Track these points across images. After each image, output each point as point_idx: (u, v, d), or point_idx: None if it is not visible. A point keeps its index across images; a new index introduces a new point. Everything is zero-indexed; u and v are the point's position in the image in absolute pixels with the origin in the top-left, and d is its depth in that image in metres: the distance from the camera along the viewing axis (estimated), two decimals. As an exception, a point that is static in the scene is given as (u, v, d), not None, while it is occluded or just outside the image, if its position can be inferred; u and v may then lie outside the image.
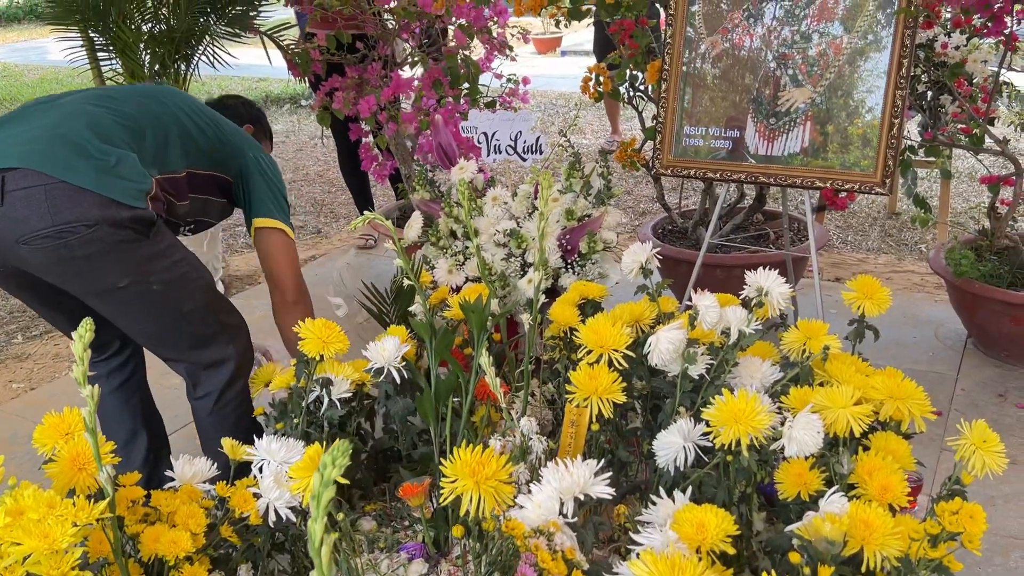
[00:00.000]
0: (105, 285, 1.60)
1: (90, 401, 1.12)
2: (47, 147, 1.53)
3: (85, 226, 1.51)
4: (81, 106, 1.67)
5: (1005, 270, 2.55)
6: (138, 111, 1.74)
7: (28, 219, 1.49)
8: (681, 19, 2.36)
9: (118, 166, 1.57)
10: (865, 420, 1.40)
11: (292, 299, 1.95)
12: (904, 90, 2.05)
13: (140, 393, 1.98)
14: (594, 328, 1.60)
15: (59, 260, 1.54)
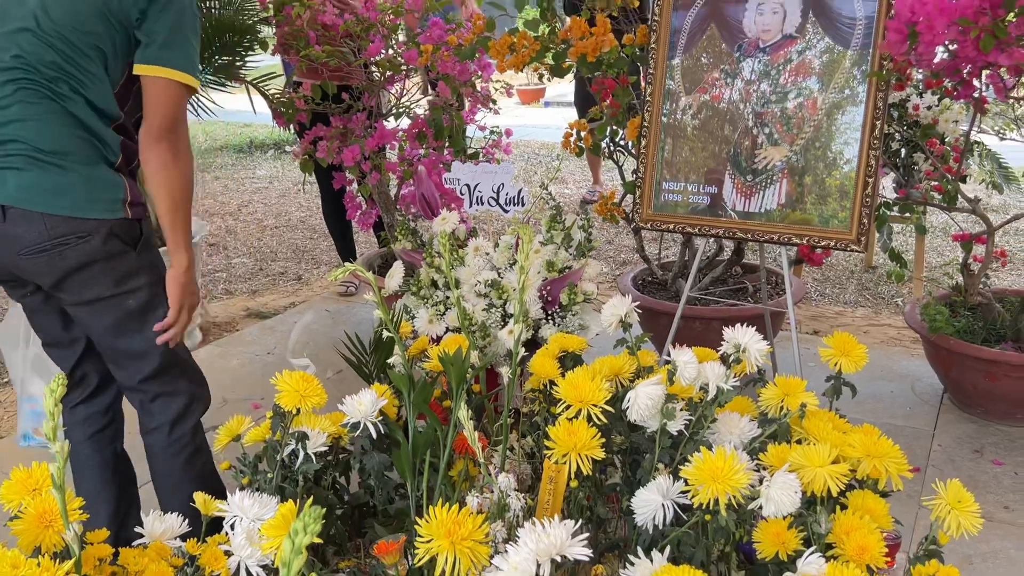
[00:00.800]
0: (92, 295, 1.74)
1: (59, 457, 1.10)
2: (37, 189, 1.66)
3: (78, 237, 1.67)
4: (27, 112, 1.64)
5: (979, 326, 2.58)
6: (64, 72, 1.66)
7: (26, 235, 1.66)
8: (660, 76, 2.41)
9: (89, 188, 1.69)
10: (842, 479, 1.40)
11: (163, 132, 1.71)
12: (877, 150, 2.10)
13: (113, 445, 1.96)
14: (573, 383, 1.59)
15: (54, 269, 1.69)
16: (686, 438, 1.58)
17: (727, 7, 2.32)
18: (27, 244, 1.66)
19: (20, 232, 1.66)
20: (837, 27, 2.18)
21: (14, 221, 1.66)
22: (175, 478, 1.88)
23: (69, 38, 1.66)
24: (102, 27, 1.68)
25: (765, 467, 1.48)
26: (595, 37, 2.45)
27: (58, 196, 1.66)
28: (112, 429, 1.96)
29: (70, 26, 1.66)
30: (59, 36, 1.66)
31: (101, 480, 1.92)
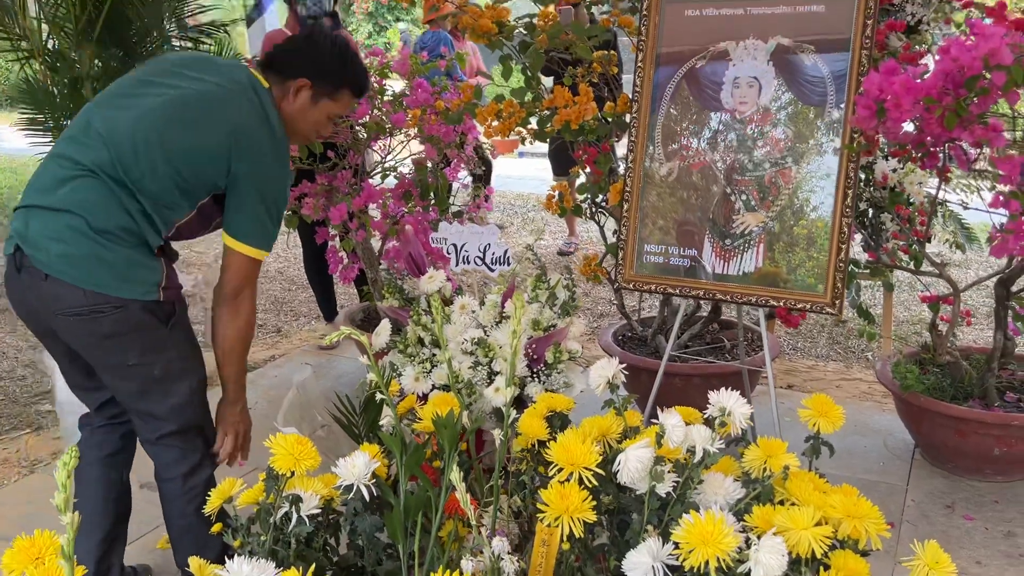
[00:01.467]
0: (118, 361, 1.84)
1: (70, 529, 1.12)
2: (75, 265, 1.77)
3: (114, 307, 1.78)
4: (89, 192, 1.79)
5: (947, 384, 2.67)
6: (137, 182, 1.81)
7: (66, 297, 1.77)
8: (641, 143, 2.50)
9: (130, 270, 1.80)
10: (826, 541, 1.45)
11: (226, 294, 1.93)
12: (849, 217, 2.20)
13: (121, 472, 2.06)
14: (565, 446, 1.64)
15: (87, 333, 1.80)
16: (674, 499, 1.63)
17: (706, 82, 2.43)
18: (65, 306, 1.78)
19: (60, 293, 1.77)
20: (809, 97, 2.30)
21: (54, 283, 1.77)
22: (187, 522, 1.97)
23: (154, 168, 1.82)
24: (190, 177, 1.86)
25: (751, 528, 1.53)
26: (579, 106, 2.55)
27: (96, 272, 1.77)
28: (124, 456, 2.07)
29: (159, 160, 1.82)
30: (147, 162, 1.81)
31: (102, 502, 2.01)
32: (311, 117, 1.97)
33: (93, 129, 1.83)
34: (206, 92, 1.86)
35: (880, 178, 2.68)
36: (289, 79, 1.92)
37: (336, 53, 1.96)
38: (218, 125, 1.84)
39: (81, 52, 2.94)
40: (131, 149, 1.80)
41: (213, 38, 3.35)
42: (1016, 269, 2.50)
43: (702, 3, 2.40)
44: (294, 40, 2.04)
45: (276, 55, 1.97)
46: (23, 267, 1.80)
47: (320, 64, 1.93)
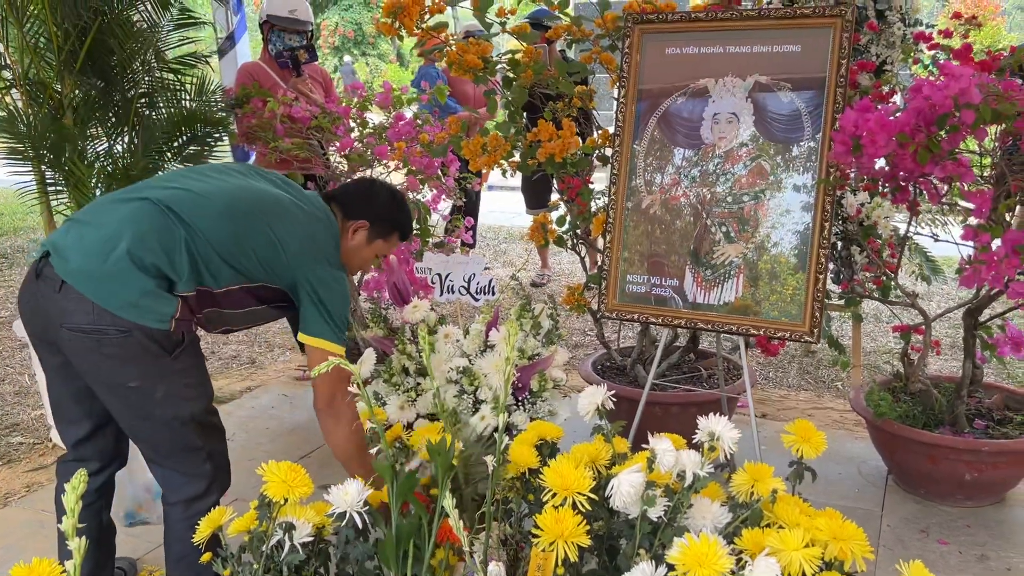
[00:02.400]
0: (118, 380, 1.84)
1: (76, 555, 1.11)
2: (92, 279, 1.79)
3: (119, 331, 1.78)
4: (145, 220, 1.84)
5: (919, 411, 2.75)
6: (203, 233, 1.87)
7: (75, 312, 1.78)
8: (624, 176, 2.56)
9: (144, 299, 1.79)
10: (816, 562, 1.49)
11: (320, 406, 2.03)
12: (826, 249, 2.27)
13: (100, 517, 2.05)
14: (559, 471, 1.66)
15: (88, 351, 1.80)
16: (664, 523, 1.66)
17: (686, 117, 2.51)
18: (71, 320, 1.78)
19: (69, 307, 1.78)
20: (784, 133, 2.38)
21: (67, 296, 1.78)
22: (185, 548, 1.93)
23: (229, 233, 1.89)
24: (265, 257, 1.93)
25: (740, 551, 1.56)
26: (562, 140, 2.61)
27: (110, 291, 1.78)
28: (100, 503, 2.05)
29: (234, 227, 1.90)
30: (223, 222, 1.89)
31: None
32: (364, 254, 2.17)
33: (173, 181, 1.95)
34: (296, 205, 2.02)
35: (853, 212, 2.77)
36: (350, 219, 2.12)
37: (394, 202, 2.20)
38: (295, 225, 1.98)
39: (63, 82, 2.94)
40: (211, 204, 1.89)
41: (194, 70, 3.37)
42: (984, 299, 2.59)
43: (682, 42, 2.49)
44: (360, 184, 2.30)
45: (343, 193, 2.19)
46: (42, 274, 1.83)
47: (379, 210, 2.15)
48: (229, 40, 7.69)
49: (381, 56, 23.78)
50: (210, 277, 1.88)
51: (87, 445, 1.99)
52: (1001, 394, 2.90)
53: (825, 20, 2.30)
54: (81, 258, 1.80)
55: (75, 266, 1.79)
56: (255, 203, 1.95)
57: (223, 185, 1.96)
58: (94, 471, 2.00)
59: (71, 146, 2.87)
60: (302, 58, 3.71)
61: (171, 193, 1.89)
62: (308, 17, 3.78)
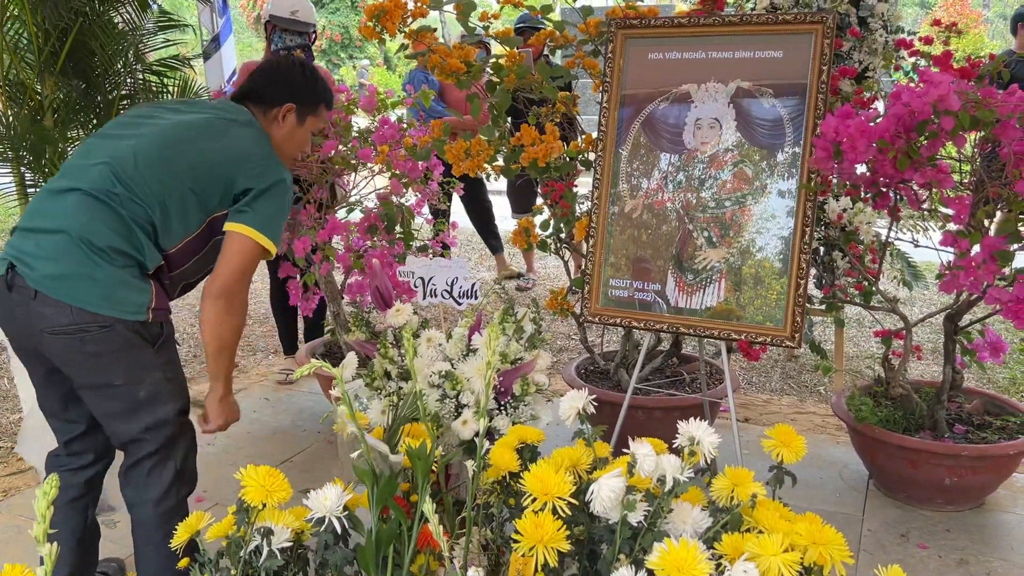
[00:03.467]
0: (103, 380, 1.85)
1: (47, 561, 1.10)
2: (63, 281, 1.80)
3: (100, 327, 1.80)
4: (86, 212, 1.83)
5: (899, 416, 2.76)
6: (141, 199, 1.87)
7: (53, 315, 1.79)
8: (607, 180, 2.57)
9: (118, 290, 1.82)
10: (795, 567, 1.49)
11: (215, 290, 1.94)
12: (807, 255, 2.28)
13: (86, 514, 2.06)
14: (538, 476, 1.66)
15: (72, 351, 1.81)
16: (644, 528, 1.65)
17: (668, 122, 2.51)
18: (51, 324, 1.80)
19: (46, 312, 1.79)
20: (766, 139, 2.39)
21: (43, 302, 1.79)
22: (154, 545, 1.96)
23: (161, 182, 1.88)
24: (201, 186, 1.91)
25: (720, 556, 1.56)
26: (546, 144, 2.61)
27: (84, 291, 1.79)
28: (87, 499, 2.06)
29: (162, 175, 1.89)
30: (152, 178, 1.87)
31: (66, 541, 2.00)
32: (298, 136, 2.15)
33: (93, 156, 1.91)
34: (205, 119, 2.01)
35: (835, 218, 2.78)
36: (273, 106, 2.09)
37: (309, 75, 2.15)
38: (221, 144, 1.96)
39: (43, 83, 2.92)
40: (133, 166, 1.87)
41: (176, 73, 3.35)
42: (963, 304, 2.61)
43: (665, 47, 2.49)
44: (265, 71, 2.16)
45: (253, 87, 2.12)
46: (14, 285, 1.83)
47: (297, 87, 2.11)
48: (214, 42, 7.66)
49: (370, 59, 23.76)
50: (165, 238, 1.90)
51: (81, 441, 2.02)
52: (981, 399, 2.92)
53: (807, 26, 2.31)
54: (45, 264, 1.81)
55: (43, 272, 1.80)
56: (176, 140, 1.93)
57: (141, 139, 1.93)
58: (86, 464, 2.04)
59: (51, 148, 2.85)
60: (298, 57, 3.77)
61: (98, 172, 1.86)
62: (310, 18, 3.86)
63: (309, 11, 3.87)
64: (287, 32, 3.79)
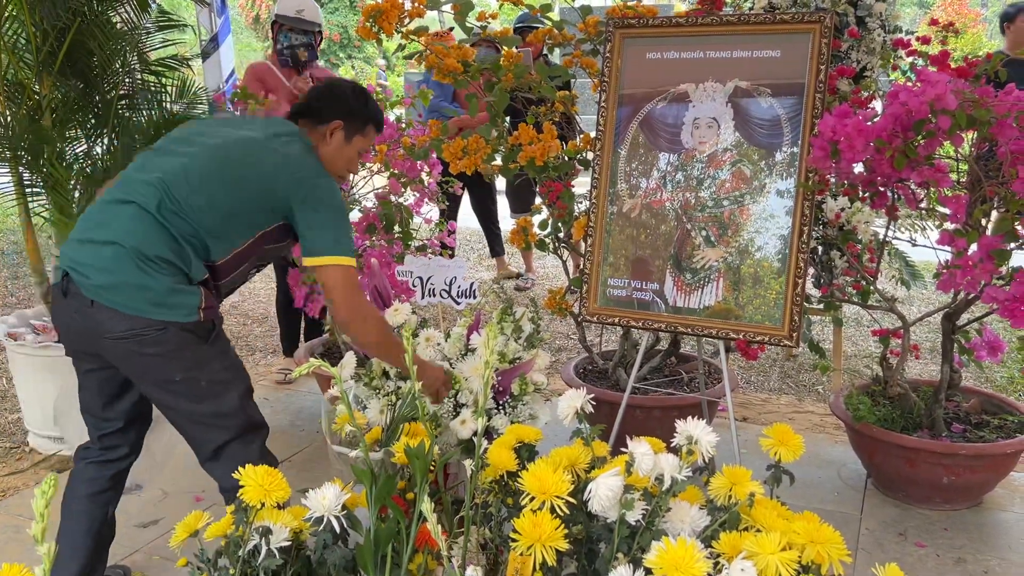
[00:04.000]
0: (164, 377, 1.94)
1: (46, 560, 1.10)
2: (117, 291, 1.88)
3: (156, 329, 1.88)
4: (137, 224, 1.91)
5: (897, 415, 2.76)
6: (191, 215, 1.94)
7: (110, 322, 1.88)
8: (605, 180, 2.57)
9: (170, 297, 1.89)
10: (792, 566, 1.50)
11: (344, 317, 2.07)
12: (805, 254, 2.28)
13: (106, 509, 2.11)
14: (537, 475, 1.66)
15: (131, 353, 1.90)
16: (642, 527, 1.66)
17: (667, 122, 2.52)
18: (109, 330, 1.88)
19: (104, 319, 1.88)
20: (764, 138, 2.40)
21: (100, 310, 1.88)
22: None
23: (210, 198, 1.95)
24: (248, 203, 1.99)
25: (718, 554, 1.56)
26: (543, 143, 2.61)
27: (138, 299, 1.87)
28: (110, 494, 2.12)
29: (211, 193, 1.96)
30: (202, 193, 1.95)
31: (83, 536, 2.06)
32: (345, 153, 2.19)
33: (147, 170, 1.99)
34: (253, 137, 2.06)
35: (832, 217, 2.78)
36: (322, 123, 2.14)
37: (360, 95, 2.22)
38: (270, 160, 2.01)
39: (42, 83, 2.92)
40: (184, 183, 1.95)
41: (174, 73, 3.35)
42: (961, 304, 2.61)
43: (663, 47, 2.50)
44: (319, 90, 2.25)
45: (308, 104, 2.19)
46: (68, 292, 1.92)
47: (348, 106, 2.17)
48: (213, 42, 7.65)
49: (367, 59, 23.75)
50: (212, 252, 1.97)
51: (116, 436, 2.09)
52: (979, 398, 2.93)
53: (804, 26, 2.32)
54: (99, 274, 1.89)
55: (97, 282, 1.89)
56: (224, 158, 2.00)
57: (192, 157, 2.00)
58: (118, 457, 2.10)
59: (50, 148, 2.84)
60: (302, 56, 3.83)
61: (151, 187, 1.94)
62: (315, 18, 3.90)
63: (315, 11, 3.91)
64: (293, 31, 3.83)
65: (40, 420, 3.16)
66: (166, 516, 2.65)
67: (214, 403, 1.99)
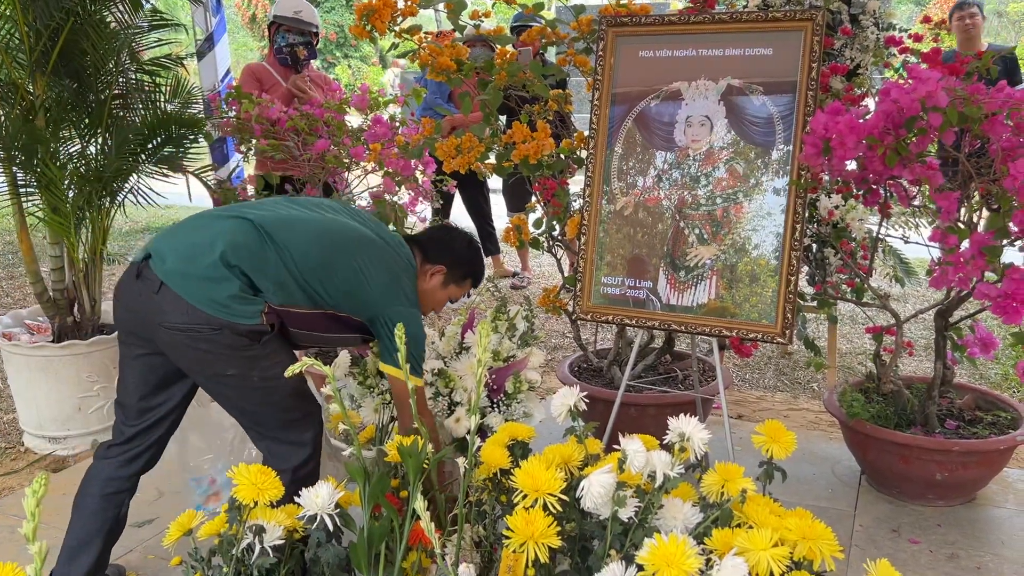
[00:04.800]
0: (216, 371, 1.99)
1: (37, 559, 1.10)
2: (186, 278, 1.93)
3: (211, 328, 1.92)
4: (242, 235, 1.98)
5: (891, 411, 2.77)
6: (279, 260, 1.99)
7: (171, 312, 1.92)
8: (598, 178, 2.57)
9: (232, 301, 1.93)
10: (784, 562, 1.50)
11: (409, 424, 2.09)
12: (798, 251, 2.29)
13: (120, 508, 2.12)
14: (529, 472, 1.66)
15: (184, 346, 1.94)
16: (636, 524, 1.66)
17: (660, 120, 2.52)
18: (168, 319, 1.93)
19: (166, 307, 1.93)
20: (756, 136, 2.40)
21: (164, 297, 1.93)
22: None
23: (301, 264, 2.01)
24: (332, 291, 2.05)
25: (711, 551, 1.57)
26: (537, 141, 2.61)
27: (206, 292, 1.92)
28: (125, 495, 2.14)
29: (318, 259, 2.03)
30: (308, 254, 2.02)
31: (95, 532, 2.08)
32: (438, 296, 2.29)
33: (266, 207, 2.10)
34: (383, 245, 2.15)
35: (825, 215, 2.79)
36: (428, 262, 2.25)
37: (470, 249, 2.34)
38: (380, 279, 2.09)
39: (35, 83, 2.92)
40: (303, 240, 2.01)
41: (168, 72, 3.35)
42: (954, 300, 2.62)
43: (655, 45, 2.50)
44: (440, 230, 2.41)
45: (427, 238, 2.32)
46: (141, 274, 1.97)
47: (457, 256, 2.28)
48: (208, 41, 7.63)
49: (363, 58, 23.72)
50: (288, 297, 2.01)
51: (145, 435, 2.11)
52: (972, 395, 2.93)
53: (796, 23, 2.32)
54: (177, 260, 1.95)
55: (171, 266, 1.94)
56: (345, 237, 2.08)
57: (316, 216, 2.10)
58: (139, 455, 2.11)
59: (43, 148, 2.84)
60: (301, 55, 3.85)
61: (268, 215, 2.03)
62: (312, 19, 3.92)
63: (311, 12, 3.94)
64: (290, 32, 3.85)
65: (35, 420, 3.15)
66: (161, 515, 2.65)
67: (266, 395, 2.03)
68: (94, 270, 3.13)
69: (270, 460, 2.06)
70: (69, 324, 3.11)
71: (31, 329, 3.24)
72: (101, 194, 2.99)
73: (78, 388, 3.08)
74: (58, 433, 3.13)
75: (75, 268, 3.09)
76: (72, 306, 3.14)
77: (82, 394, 3.09)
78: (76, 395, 3.09)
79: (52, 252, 3.08)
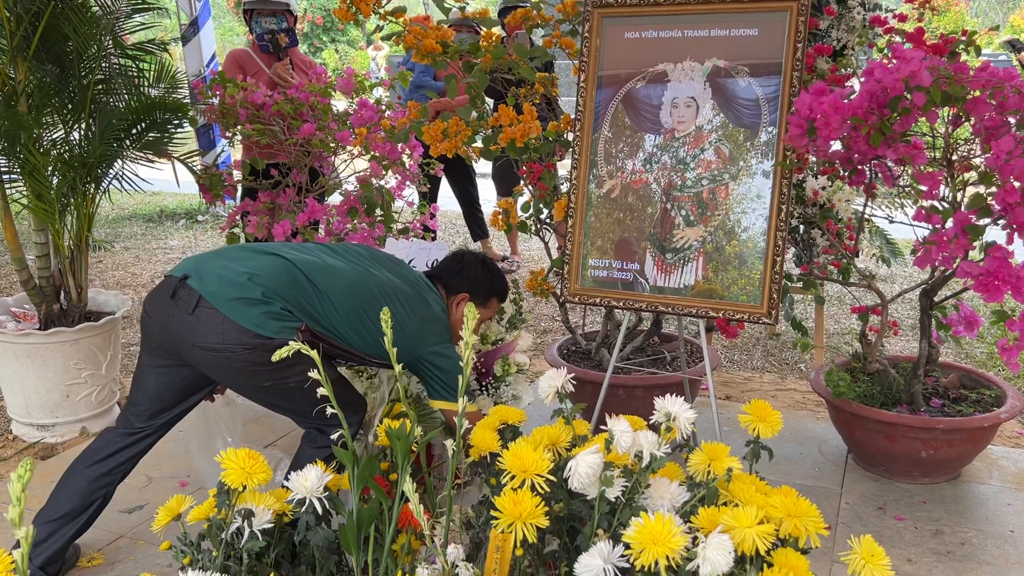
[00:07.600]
0: (252, 384, 2.09)
1: (24, 544, 1.10)
2: (226, 299, 2.00)
3: (245, 348, 1.99)
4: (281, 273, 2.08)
5: (877, 391, 2.80)
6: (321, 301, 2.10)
7: (205, 333, 1.99)
8: (585, 160, 2.57)
9: (270, 320, 1.99)
10: (769, 539, 1.52)
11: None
12: (784, 231, 2.30)
13: (106, 490, 2.19)
14: (517, 454, 1.67)
15: (219, 364, 2.03)
16: (623, 503, 1.67)
17: (646, 102, 2.52)
18: (201, 340, 2.00)
19: (200, 328, 2.00)
20: (742, 118, 2.40)
21: (199, 318, 1.99)
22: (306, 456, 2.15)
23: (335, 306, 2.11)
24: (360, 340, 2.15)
25: (698, 529, 1.58)
26: (523, 124, 2.61)
27: (244, 311, 1.98)
28: (118, 477, 2.21)
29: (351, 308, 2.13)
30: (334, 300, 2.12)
31: (81, 508, 2.16)
32: None
33: (308, 251, 2.19)
34: (410, 288, 2.25)
35: (811, 195, 2.80)
36: (452, 294, 2.36)
37: (484, 269, 2.43)
38: (415, 314, 2.21)
39: (16, 68, 2.89)
40: (339, 290, 2.11)
41: (152, 57, 3.32)
42: (939, 280, 2.63)
43: (641, 26, 2.49)
44: (452, 260, 2.48)
45: (442, 272, 2.43)
46: (176, 295, 2.03)
47: (474, 281, 2.39)
48: (193, 26, 7.57)
49: (351, 43, 23.55)
50: (324, 331, 2.09)
51: (156, 424, 2.19)
52: (956, 373, 2.96)
53: (781, 4, 2.31)
54: (219, 285, 2.02)
55: (212, 289, 2.01)
56: (378, 286, 2.17)
57: (350, 264, 2.20)
58: (141, 438, 2.19)
59: (26, 134, 2.81)
60: (282, 41, 3.81)
61: (306, 259, 2.13)
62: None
63: None
64: (262, 16, 3.80)
65: (23, 408, 3.15)
66: (150, 501, 2.66)
67: (304, 394, 2.04)
68: (80, 257, 3.11)
69: (312, 437, 2.18)
70: (55, 311, 3.10)
71: (17, 316, 3.22)
72: (85, 180, 2.96)
73: (65, 375, 3.07)
74: (46, 420, 3.13)
75: (61, 255, 3.07)
76: (58, 293, 3.13)
77: (69, 381, 3.09)
78: (63, 382, 3.08)
79: (37, 239, 3.06)
